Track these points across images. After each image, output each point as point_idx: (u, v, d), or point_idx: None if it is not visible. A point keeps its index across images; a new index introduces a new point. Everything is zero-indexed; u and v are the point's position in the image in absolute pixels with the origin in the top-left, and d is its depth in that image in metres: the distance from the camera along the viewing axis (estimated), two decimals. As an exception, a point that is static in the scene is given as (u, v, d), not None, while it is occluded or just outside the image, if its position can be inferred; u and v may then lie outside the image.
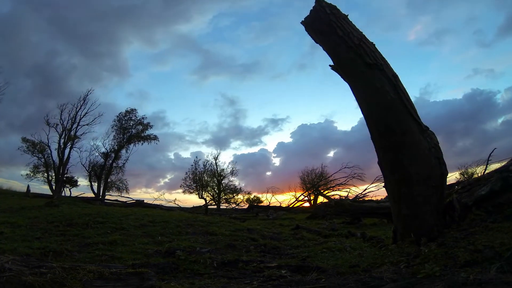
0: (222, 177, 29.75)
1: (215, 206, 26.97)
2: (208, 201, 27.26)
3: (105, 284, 2.25)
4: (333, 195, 22.92)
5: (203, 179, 29.26)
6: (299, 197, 24.22)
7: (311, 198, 24.61)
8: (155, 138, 31.16)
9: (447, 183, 4.14)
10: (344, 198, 20.74)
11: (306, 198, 24.49)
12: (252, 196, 29.30)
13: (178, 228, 7.06)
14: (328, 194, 23.59)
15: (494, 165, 14.12)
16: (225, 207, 27.28)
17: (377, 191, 20.53)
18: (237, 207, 26.98)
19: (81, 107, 28.02)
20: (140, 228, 6.88)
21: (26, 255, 4.06)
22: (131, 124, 30.61)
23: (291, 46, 68.83)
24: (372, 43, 4.23)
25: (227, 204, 28.30)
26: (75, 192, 28.03)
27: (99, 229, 6.55)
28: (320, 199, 23.48)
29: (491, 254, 2.67)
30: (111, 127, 30.12)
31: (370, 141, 4.32)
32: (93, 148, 29.39)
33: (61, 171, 26.88)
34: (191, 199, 33.71)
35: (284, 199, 26.39)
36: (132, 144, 30.40)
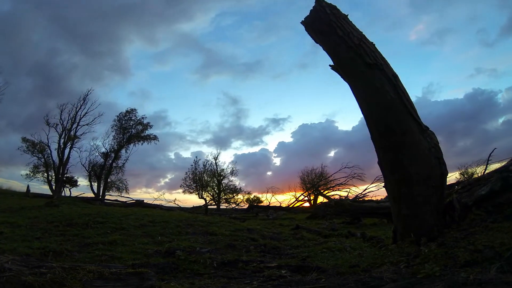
0: (222, 177, 29.76)
1: (215, 206, 26.98)
2: (208, 201, 27.29)
3: (105, 284, 2.25)
4: (333, 195, 22.93)
5: (203, 179, 29.27)
6: (299, 197, 24.27)
7: (311, 198, 24.63)
8: (155, 138, 31.22)
9: (447, 183, 4.14)
10: (344, 198, 20.74)
11: (306, 198, 24.53)
12: (252, 196, 29.36)
13: (178, 228, 7.06)
14: (328, 194, 23.59)
15: (494, 165, 14.15)
16: (225, 207, 27.30)
17: (377, 191, 20.56)
18: (237, 207, 27.00)
19: (81, 107, 28.11)
20: (140, 228, 6.88)
21: (26, 255, 4.06)
22: (131, 124, 30.66)
23: (293, 45, 68.35)
24: (372, 43, 4.23)
25: (227, 204, 28.33)
26: (75, 192, 28.10)
27: (99, 229, 6.55)
28: (320, 199, 23.52)
29: (491, 254, 2.67)
30: (111, 127, 30.21)
31: (370, 141, 4.32)
32: (93, 148, 29.46)
33: (61, 171, 26.89)
34: (191, 199, 33.76)
35: (284, 199, 26.43)
36: (132, 144, 30.46)
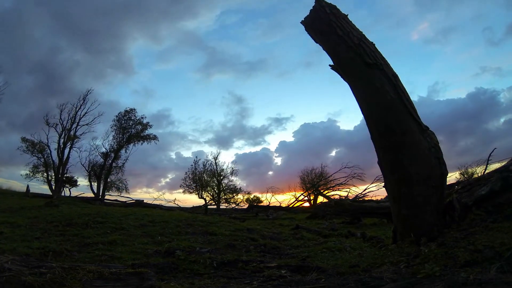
0: (222, 177, 29.75)
1: (215, 206, 26.98)
2: (207, 201, 27.29)
3: (105, 284, 2.25)
4: (333, 195, 22.93)
5: (202, 179, 29.26)
6: (299, 197, 24.26)
7: (311, 198, 24.63)
8: (155, 137, 31.20)
9: (447, 183, 4.13)
10: (344, 198, 20.74)
11: (306, 198, 24.52)
12: (252, 196, 29.38)
13: (178, 228, 7.06)
14: (328, 194, 23.59)
15: (494, 165, 14.17)
16: (225, 207, 27.29)
17: (377, 191, 20.56)
18: (237, 207, 26.99)
19: (81, 106, 28.10)
20: (139, 228, 6.88)
21: (25, 255, 4.06)
22: (130, 124, 30.64)
23: (298, 43, 67.15)
24: (372, 43, 4.23)
25: (226, 204, 28.32)
26: (75, 192, 28.10)
27: (98, 229, 6.55)
28: (320, 199, 23.52)
29: (491, 254, 2.67)
30: (111, 127, 30.20)
31: (371, 141, 4.31)
32: (92, 148, 29.45)
33: (60, 171, 26.88)
34: (191, 199, 33.79)
35: (284, 199, 26.46)
36: (132, 144, 30.44)
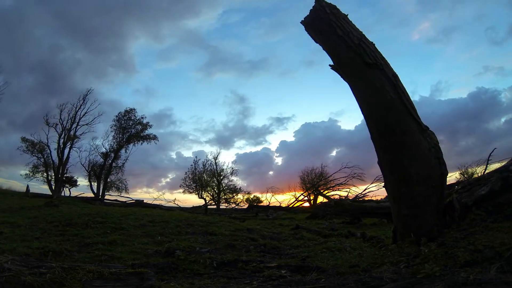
0: (221, 177, 29.73)
1: (215, 206, 26.97)
2: (207, 201, 27.28)
3: (105, 284, 2.25)
4: (333, 195, 22.94)
5: (202, 179, 29.24)
6: (299, 197, 24.27)
7: (311, 198, 24.63)
8: (155, 137, 31.20)
9: (447, 183, 4.13)
10: (344, 198, 20.74)
11: (306, 198, 24.53)
12: (251, 196, 29.37)
13: (178, 228, 7.06)
14: (328, 194, 23.60)
15: (494, 165, 14.17)
16: (225, 207, 27.28)
17: (377, 191, 20.57)
18: (236, 207, 26.99)
19: (81, 106, 28.08)
20: (139, 228, 6.88)
21: (25, 255, 4.06)
22: (130, 124, 30.63)
23: (300, 42, 66.28)
24: (372, 43, 4.22)
25: (226, 204, 28.30)
26: (75, 192, 28.09)
27: (98, 229, 6.55)
28: (320, 199, 23.53)
29: (491, 254, 2.67)
30: (111, 127, 30.20)
31: (371, 141, 4.31)
32: (92, 148, 29.43)
33: (60, 171, 26.87)
34: (191, 199, 33.76)
35: (284, 199, 26.46)
36: (132, 144, 30.43)
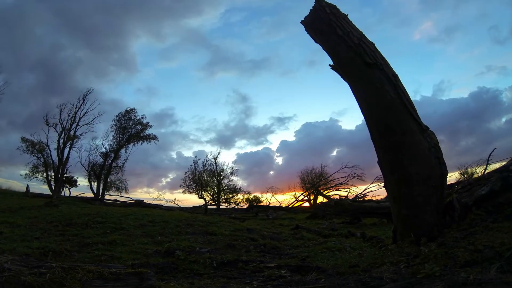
0: (221, 177, 29.72)
1: (215, 206, 26.97)
2: (207, 201, 27.27)
3: (105, 284, 2.25)
4: (333, 195, 22.94)
5: (202, 179, 29.23)
6: (299, 197, 24.29)
7: (311, 198, 24.64)
8: (155, 137, 31.16)
9: (447, 183, 4.13)
10: (344, 198, 20.75)
11: (306, 198, 24.54)
12: (251, 196, 29.36)
13: (178, 228, 7.05)
14: (328, 194, 23.61)
15: (494, 165, 14.19)
16: (225, 207, 27.27)
17: (377, 191, 20.58)
18: (236, 207, 26.98)
19: (81, 106, 28.04)
20: (139, 228, 6.87)
21: (25, 255, 4.06)
22: (130, 124, 30.60)
23: (302, 42, 66.18)
24: (372, 43, 4.22)
25: (226, 204, 28.29)
26: (75, 192, 28.05)
27: (98, 229, 6.55)
28: (320, 199, 23.53)
29: (491, 254, 2.67)
30: (111, 127, 30.18)
31: (371, 141, 4.31)
32: (92, 148, 29.41)
33: (60, 171, 26.86)
34: (191, 199, 33.77)
35: (284, 199, 26.47)
36: (132, 144, 30.41)
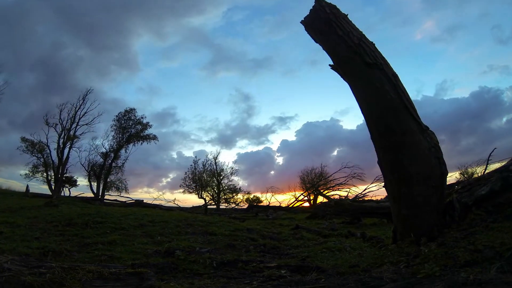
0: (221, 177, 29.71)
1: (215, 206, 26.97)
2: (207, 201, 27.26)
3: (104, 284, 2.25)
4: (333, 195, 22.95)
5: (202, 179, 29.22)
6: (298, 197, 24.30)
7: (311, 198, 24.65)
8: (155, 137, 31.12)
9: (447, 183, 4.13)
10: (344, 198, 20.75)
11: (306, 198, 24.54)
12: (251, 196, 29.37)
13: (178, 228, 7.05)
14: (328, 194, 23.61)
15: (494, 165, 14.20)
16: (225, 207, 27.28)
17: (377, 191, 20.60)
18: (236, 207, 26.99)
19: (80, 106, 28.02)
20: (139, 228, 6.87)
21: (25, 255, 4.06)
22: (130, 124, 30.57)
23: (304, 41, 65.99)
24: (372, 43, 4.22)
25: (226, 204, 28.29)
26: (74, 192, 28.03)
27: (98, 229, 6.55)
28: (320, 199, 23.54)
29: (491, 254, 2.67)
30: (110, 127, 30.16)
31: (371, 141, 4.31)
32: (92, 148, 29.39)
33: (60, 171, 26.84)
34: (190, 199, 33.80)
35: (283, 199, 26.50)
36: (132, 144, 30.39)
